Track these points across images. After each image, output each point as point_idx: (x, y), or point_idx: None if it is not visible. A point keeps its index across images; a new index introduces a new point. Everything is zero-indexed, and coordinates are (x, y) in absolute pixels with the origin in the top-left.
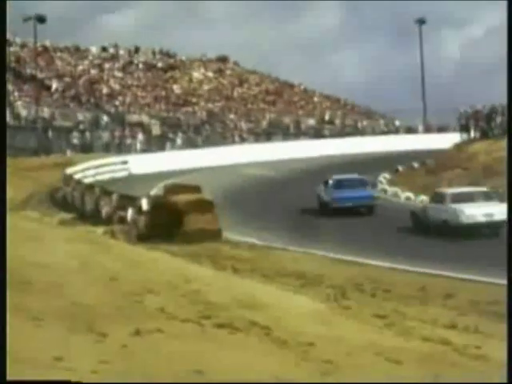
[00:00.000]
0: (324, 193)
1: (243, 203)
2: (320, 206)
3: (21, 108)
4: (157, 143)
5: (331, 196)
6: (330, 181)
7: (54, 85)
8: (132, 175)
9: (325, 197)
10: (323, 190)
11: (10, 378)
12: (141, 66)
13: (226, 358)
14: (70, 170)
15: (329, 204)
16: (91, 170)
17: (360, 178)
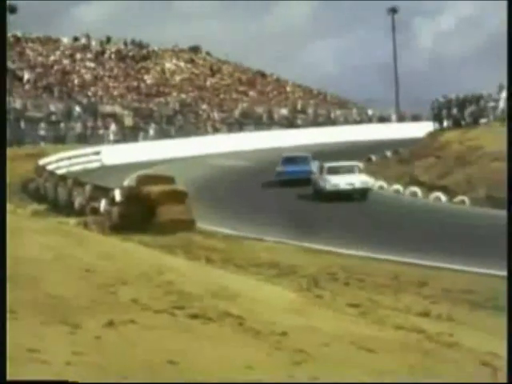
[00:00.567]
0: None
1: (215, 193)
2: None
3: None
4: (129, 134)
5: (279, 170)
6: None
7: (26, 75)
8: (105, 166)
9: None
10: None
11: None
12: (113, 56)
13: (200, 348)
14: (42, 161)
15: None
16: (64, 160)
17: (304, 156)
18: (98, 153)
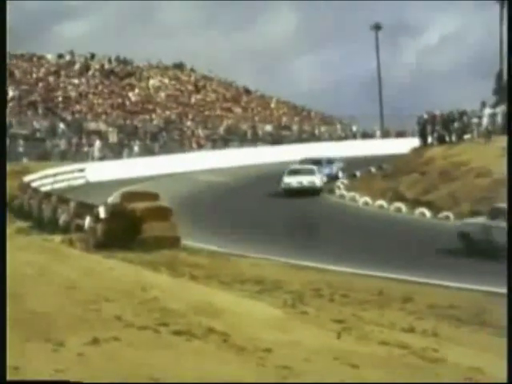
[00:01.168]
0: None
1: (199, 210)
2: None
3: None
4: (114, 151)
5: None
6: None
7: (11, 93)
8: (89, 183)
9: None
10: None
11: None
12: (97, 73)
13: (184, 365)
14: (26, 178)
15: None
16: (48, 178)
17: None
18: (82, 170)
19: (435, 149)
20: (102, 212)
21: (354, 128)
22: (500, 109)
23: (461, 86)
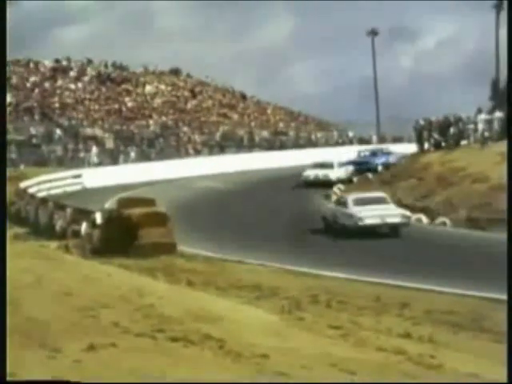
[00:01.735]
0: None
1: (195, 216)
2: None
3: None
4: (110, 156)
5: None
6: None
7: (8, 98)
8: (86, 189)
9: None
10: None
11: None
12: (93, 79)
13: (181, 371)
14: (23, 184)
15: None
16: (45, 183)
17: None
18: (79, 176)
19: (432, 154)
20: (98, 218)
21: (351, 133)
22: (496, 115)
23: (457, 91)
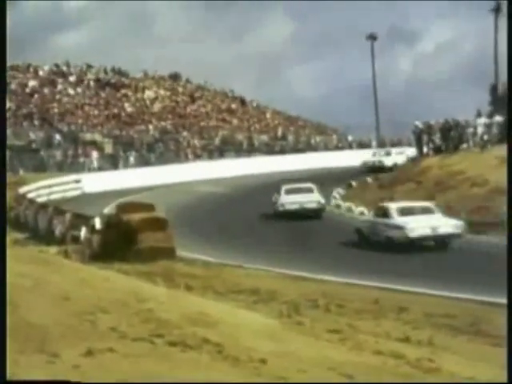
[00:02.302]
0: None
1: (195, 221)
2: None
3: None
4: (110, 161)
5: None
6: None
7: (7, 104)
8: (85, 194)
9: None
10: None
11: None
12: (93, 84)
13: (178, 375)
14: (22, 190)
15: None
16: (44, 189)
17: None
18: (78, 181)
19: (431, 158)
20: (97, 223)
21: (350, 138)
22: (495, 119)
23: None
